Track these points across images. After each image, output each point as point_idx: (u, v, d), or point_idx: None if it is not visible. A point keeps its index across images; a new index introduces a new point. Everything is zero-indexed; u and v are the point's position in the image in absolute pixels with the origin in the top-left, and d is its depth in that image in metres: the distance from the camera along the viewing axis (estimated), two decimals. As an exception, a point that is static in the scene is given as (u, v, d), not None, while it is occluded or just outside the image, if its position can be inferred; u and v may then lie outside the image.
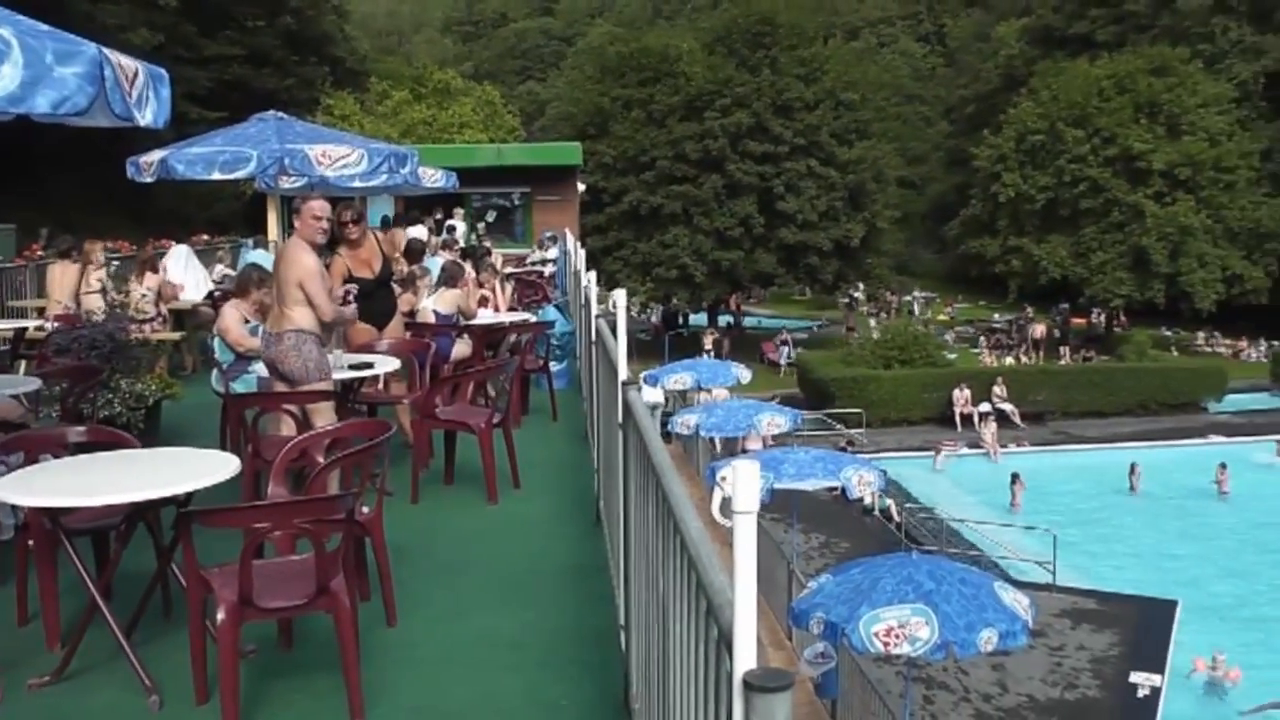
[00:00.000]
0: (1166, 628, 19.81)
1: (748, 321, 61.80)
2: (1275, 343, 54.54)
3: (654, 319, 58.46)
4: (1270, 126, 62.16)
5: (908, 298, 70.18)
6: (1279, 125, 62.10)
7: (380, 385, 10.12)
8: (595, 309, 9.13)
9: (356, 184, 13.85)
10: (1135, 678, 17.50)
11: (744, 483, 2.08)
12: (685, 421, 22.08)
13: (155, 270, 15.62)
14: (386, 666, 5.62)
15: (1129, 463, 31.80)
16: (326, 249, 8.96)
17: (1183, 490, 31.23)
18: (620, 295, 6.55)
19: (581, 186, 32.33)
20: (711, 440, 25.13)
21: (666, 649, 3.35)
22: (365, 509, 6.04)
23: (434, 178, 16.82)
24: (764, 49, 50.52)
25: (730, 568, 2.15)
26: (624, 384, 5.58)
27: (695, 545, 2.72)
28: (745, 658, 2.09)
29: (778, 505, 20.19)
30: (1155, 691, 17.06)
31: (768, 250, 50.22)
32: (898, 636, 11.04)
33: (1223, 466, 31.23)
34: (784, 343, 50.22)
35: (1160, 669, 17.90)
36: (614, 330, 6.57)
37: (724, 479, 2.13)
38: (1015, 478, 29.55)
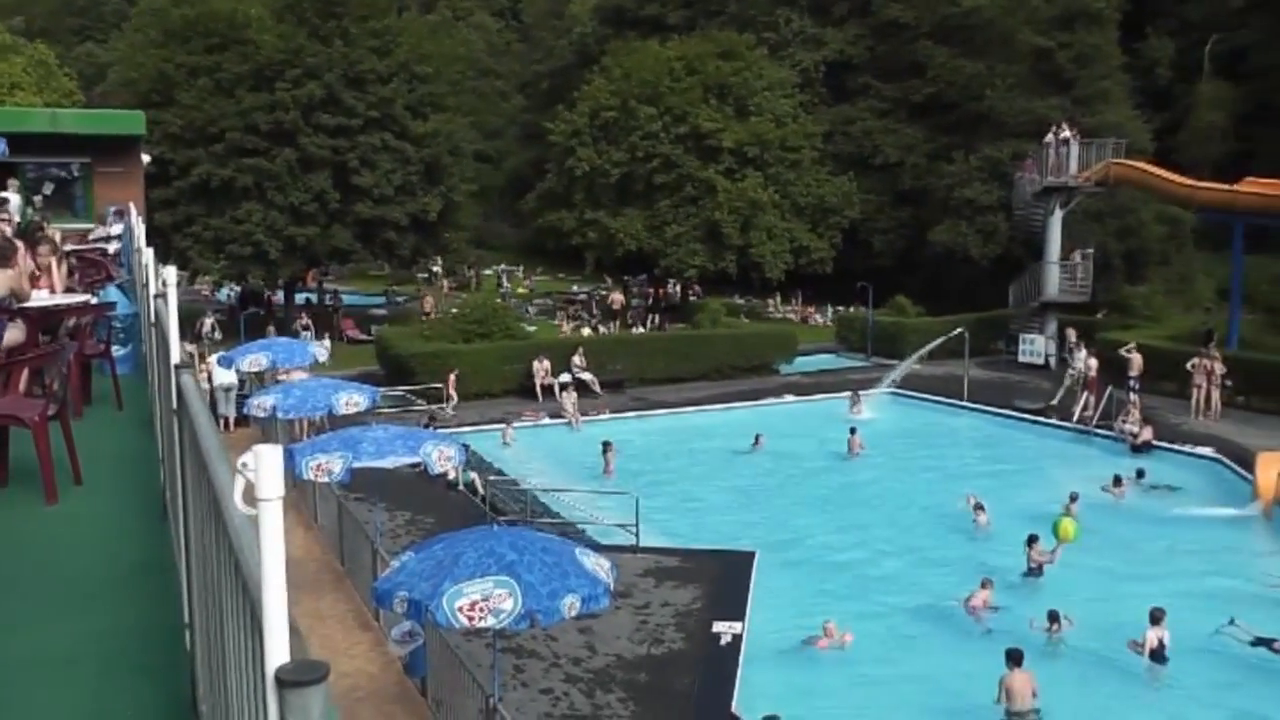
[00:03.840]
0: (746, 578, 20.67)
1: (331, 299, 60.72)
2: (839, 308, 58.26)
3: (230, 298, 56.67)
4: (831, 111, 66.31)
5: (488, 271, 70.62)
6: (838, 110, 66.26)
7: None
8: (154, 289, 8.62)
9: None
10: (718, 627, 18.15)
11: (267, 468, 1.92)
12: (261, 404, 21.34)
13: None
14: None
15: (706, 424, 33.15)
16: None
17: (764, 448, 32.86)
18: (170, 273, 6.17)
19: (147, 158, 30.70)
20: (291, 422, 24.52)
21: (224, 645, 3.16)
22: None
23: (-22, 143, 15.59)
24: (335, 19, 49.27)
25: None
26: (177, 367, 5.23)
27: (237, 535, 2.53)
28: (277, 651, 1.93)
29: (360, 485, 19.88)
30: (737, 638, 17.75)
31: (344, 225, 49.17)
32: (482, 610, 11.02)
33: (757, 436, 33.04)
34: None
35: (741, 617, 18.65)
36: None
37: (245, 465, 1.96)
38: (607, 445, 30.12)
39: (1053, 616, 19.17)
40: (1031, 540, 22.09)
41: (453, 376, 35.87)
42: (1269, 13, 69.09)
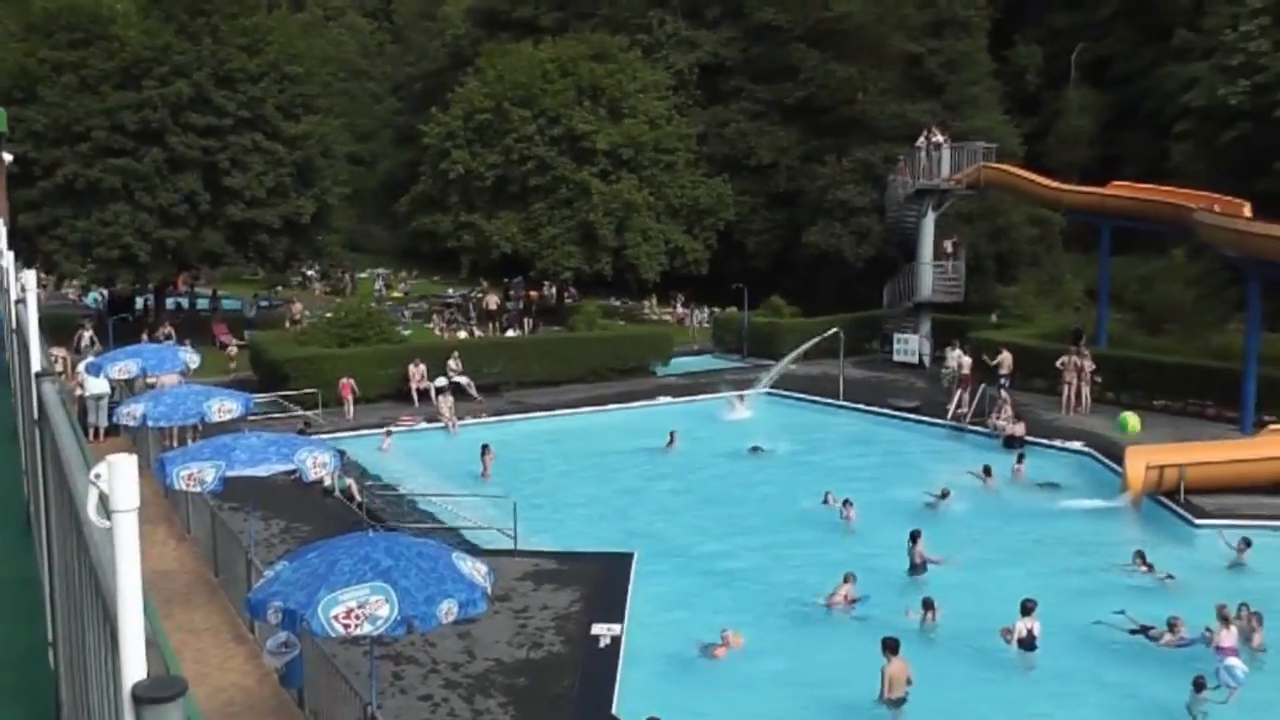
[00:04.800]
0: (624, 579, 20.67)
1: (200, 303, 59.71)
2: (715, 309, 58.49)
3: (98, 303, 55.38)
4: (705, 113, 66.75)
5: (363, 274, 69.91)
6: (713, 112, 66.69)
7: None
8: (15, 294, 8.35)
9: None
10: (597, 629, 18.11)
11: (121, 479, 1.82)
12: (131, 412, 20.90)
13: None
14: None
15: (583, 426, 33.12)
16: None
17: (639, 449, 33.10)
18: (30, 277, 5.97)
19: (9, 157, 29.89)
20: (161, 430, 24.05)
21: (86, 663, 3.04)
22: None
23: None
24: (204, 15, 48.16)
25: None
26: (38, 376, 5.04)
27: (96, 549, 2.43)
28: (134, 667, 1.84)
29: (234, 493, 19.52)
30: (616, 640, 17.73)
31: (215, 228, 48.23)
32: (358, 617, 10.90)
33: (672, 434, 33.27)
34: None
35: (620, 619, 18.63)
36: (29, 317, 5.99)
37: (98, 476, 1.86)
38: (485, 449, 29.97)
39: (927, 604, 19.57)
40: (914, 536, 22.34)
41: (347, 383, 35.30)
42: (1133, 22, 71.07)
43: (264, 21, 51.54)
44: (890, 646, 16.43)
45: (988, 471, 29.07)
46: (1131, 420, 25.17)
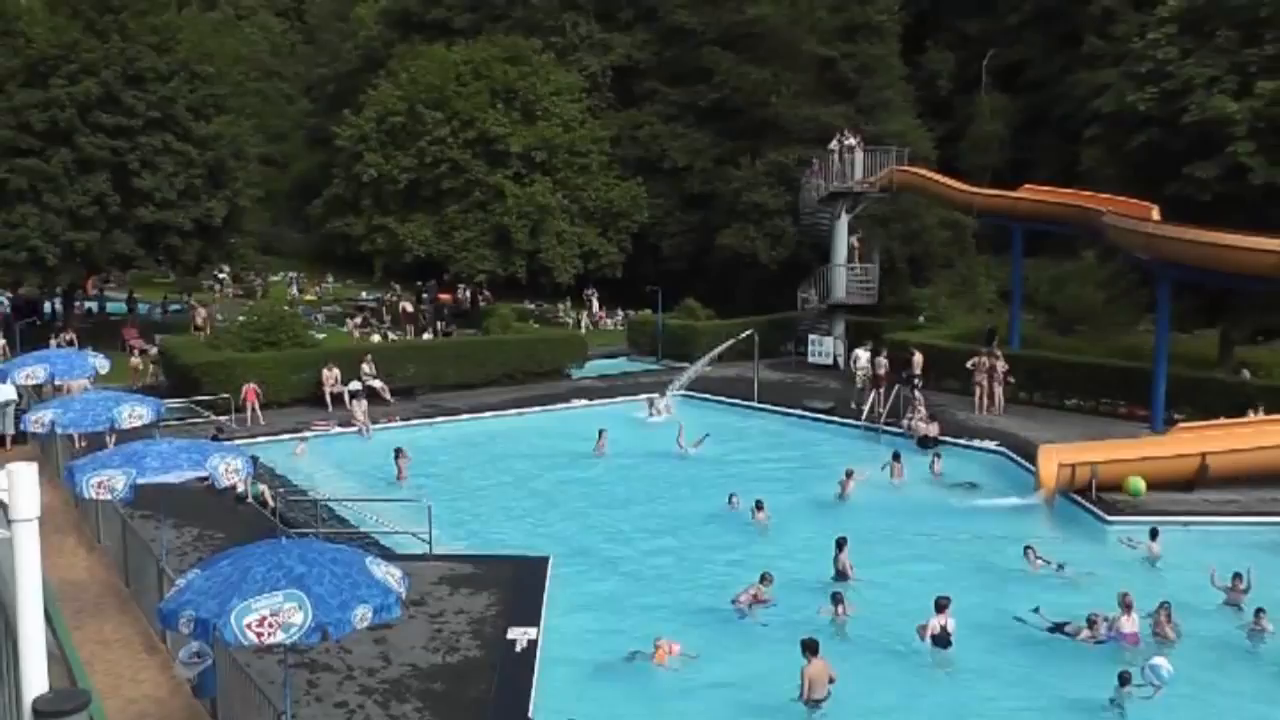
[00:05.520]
0: (540, 582, 20.61)
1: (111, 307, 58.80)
2: (630, 312, 58.57)
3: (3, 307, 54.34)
4: (619, 116, 66.86)
5: (275, 278, 69.19)
6: (627, 115, 66.82)
7: None
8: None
9: None
10: (513, 633, 18.03)
11: (20, 487, 1.78)
12: (39, 418, 20.50)
13: None
14: None
15: (498, 429, 33.02)
16: None
17: (555, 452, 33.17)
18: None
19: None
20: (71, 437, 23.65)
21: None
22: None
23: None
24: (113, 13, 47.31)
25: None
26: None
27: (-3, 560, 2.37)
28: (35, 681, 1.81)
29: (146, 501, 19.21)
30: (532, 644, 17.67)
31: (126, 230, 47.46)
32: (271, 625, 10.80)
33: (600, 432, 33.27)
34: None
35: (535, 622, 18.57)
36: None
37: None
38: (399, 452, 29.76)
39: (836, 599, 19.75)
40: (840, 544, 22.32)
41: (251, 388, 34.86)
42: (1043, 29, 72.27)
43: (174, 20, 50.91)
44: (810, 647, 16.50)
45: (896, 458, 29.81)
46: (1139, 484, 26.21)
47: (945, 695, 17.58)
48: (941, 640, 18.45)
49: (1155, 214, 33.47)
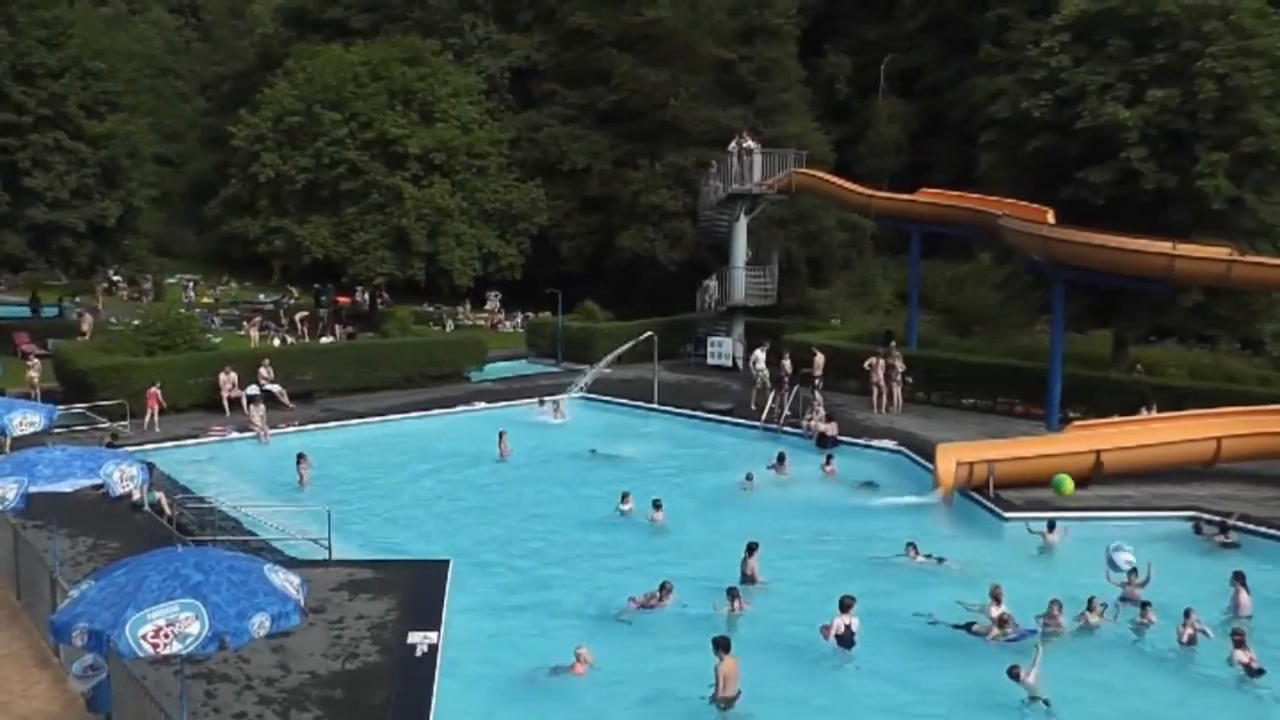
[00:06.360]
0: (440, 587, 20.56)
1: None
2: (529, 314, 58.55)
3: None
4: (518, 117, 66.87)
5: (171, 280, 68.20)
6: (525, 116, 66.79)
7: None
8: None
9: None
10: (413, 638, 17.99)
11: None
12: (-76, 427, 20.16)
13: None
14: None
15: (398, 433, 32.83)
16: None
17: (455, 455, 33.05)
18: None
19: None
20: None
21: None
22: None
23: None
24: (1, 6, 46.52)
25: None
26: None
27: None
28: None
29: (38, 511, 18.90)
30: (432, 649, 17.64)
31: (16, 231, 46.56)
32: (167, 636, 10.71)
33: (501, 434, 33.21)
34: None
35: (436, 626, 18.53)
36: None
37: None
38: (301, 457, 29.44)
39: (731, 594, 19.98)
40: (750, 549, 22.36)
41: (154, 392, 34.30)
42: (939, 36, 73.42)
43: (65, 14, 49.99)
44: (722, 645, 16.58)
45: (781, 460, 30.34)
46: (1067, 483, 26.67)
47: (848, 693, 17.76)
48: (845, 640, 18.61)
49: (1050, 217, 34.15)
